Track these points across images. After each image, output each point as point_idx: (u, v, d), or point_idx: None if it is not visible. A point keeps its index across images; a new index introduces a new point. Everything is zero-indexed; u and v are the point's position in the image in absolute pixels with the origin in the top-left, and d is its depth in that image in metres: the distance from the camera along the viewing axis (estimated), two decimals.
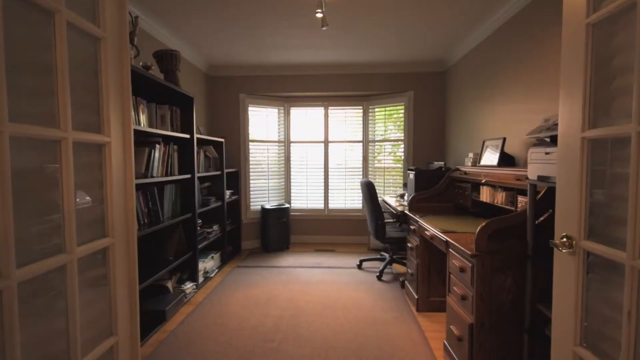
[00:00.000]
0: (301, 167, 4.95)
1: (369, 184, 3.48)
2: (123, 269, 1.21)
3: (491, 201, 2.34)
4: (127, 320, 1.22)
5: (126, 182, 1.24)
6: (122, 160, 1.22)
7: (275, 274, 3.66)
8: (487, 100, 3.16)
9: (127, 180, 1.25)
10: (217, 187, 3.96)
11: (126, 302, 1.22)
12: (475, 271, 1.70)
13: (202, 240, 3.40)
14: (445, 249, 2.11)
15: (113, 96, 1.17)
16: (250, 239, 4.75)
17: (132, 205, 1.25)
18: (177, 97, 3.02)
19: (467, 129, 3.64)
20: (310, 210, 4.94)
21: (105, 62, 1.13)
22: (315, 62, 4.31)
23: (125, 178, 1.24)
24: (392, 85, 4.50)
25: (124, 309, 1.21)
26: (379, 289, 3.20)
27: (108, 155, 1.14)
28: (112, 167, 1.16)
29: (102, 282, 1.14)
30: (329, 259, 4.18)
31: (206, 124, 4.45)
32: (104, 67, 1.13)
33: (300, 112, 4.91)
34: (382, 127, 4.77)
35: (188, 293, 3.00)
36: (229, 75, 4.57)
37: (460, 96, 3.86)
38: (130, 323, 1.24)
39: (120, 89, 1.22)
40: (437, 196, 3.08)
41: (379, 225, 3.44)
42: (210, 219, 3.88)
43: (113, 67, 1.17)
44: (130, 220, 1.25)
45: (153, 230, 2.47)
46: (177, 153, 3.00)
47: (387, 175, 4.72)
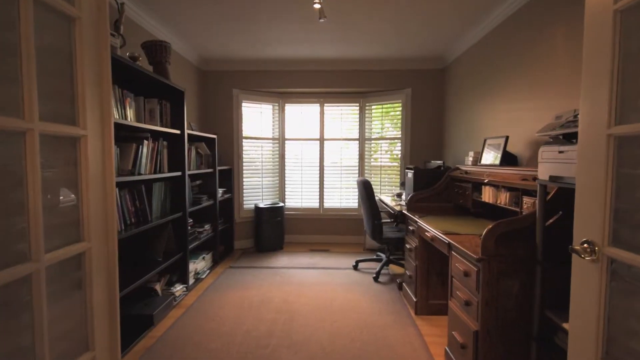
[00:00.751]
0: (296, 165, 4.84)
1: (365, 183, 3.39)
2: (101, 276, 1.09)
3: (494, 202, 2.26)
4: (106, 333, 1.11)
5: (105, 180, 1.12)
6: (101, 156, 1.10)
7: (269, 274, 3.55)
8: (488, 98, 3.08)
9: (106, 178, 1.13)
10: (209, 185, 3.83)
11: (105, 312, 1.11)
12: (481, 276, 1.61)
13: (193, 240, 3.28)
14: (447, 251, 2.02)
15: (90, 84, 1.05)
16: (244, 239, 4.63)
17: (112, 205, 1.14)
18: (167, 91, 2.88)
19: (466, 127, 3.57)
20: (305, 209, 4.83)
21: (80, 46, 1.01)
22: (312, 57, 4.19)
23: (105, 175, 1.12)
24: (389, 82, 4.41)
25: (102, 320, 1.09)
26: (375, 291, 3.11)
27: (84, 150, 1.02)
28: (89, 163, 1.04)
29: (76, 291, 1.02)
30: (324, 259, 4.09)
31: (198, 120, 4.31)
32: (80, 52, 1.01)
33: (296, 108, 4.80)
34: (379, 124, 4.68)
35: (178, 296, 2.87)
36: (222, 69, 4.43)
37: (460, 94, 3.79)
38: (109, 336, 1.12)
39: (99, 76, 1.09)
40: (437, 196, 3.00)
41: (375, 225, 3.35)
42: (202, 218, 3.76)
43: (90, 52, 1.05)
44: (110, 223, 1.13)
45: (140, 230, 2.35)
46: (166, 149, 2.86)
47: (383, 174, 4.63)
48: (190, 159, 3.37)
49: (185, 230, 3.02)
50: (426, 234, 2.40)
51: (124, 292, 2.12)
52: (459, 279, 1.85)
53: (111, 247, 1.12)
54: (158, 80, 2.64)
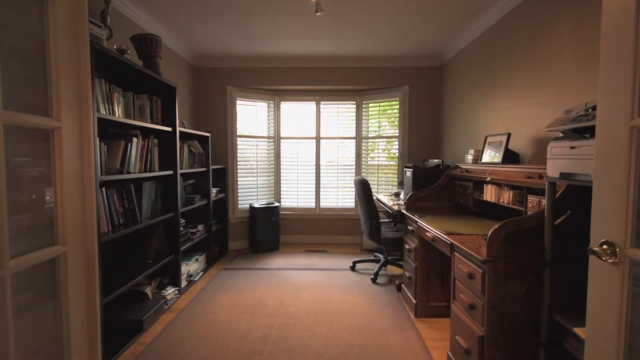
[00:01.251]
0: (291, 164, 4.75)
1: (363, 182, 3.31)
2: (79, 284, 0.99)
3: (496, 200, 2.19)
4: (84, 348, 1.01)
5: (84, 177, 1.03)
6: (78, 151, 1.01)
7: (264, 276, 3.45)
8: (488, 95, 3.02)
9: (84, 175, 1.03)
10: (203, 185, 3.72)
11: (83, 324, 1.01)
12: (486, 278, 1.54)
13: (185, 241, 3.17)
14: (449, 252, 1.95)
15: (66, 72, 0.95)
16: (238, 240, 4.53)
17: (91, 205, 1.04)
18: (158, 87, 2.77)
19: (466, 125, 3.50)
20: (301, 209, 4.74)
21: (54, 28, 0.91)
22: (308, 54, 4.10)
23: (83, 173, 1.02)
24: (386, 80, 4.33)
25: (79, 333, 0.99)
26: (374, 293, 3.03)
27: (58, 144, 0.93)
28: (64, 159, 0.94)
29: (50, 301, 0.93)
30: (320, 260, 4.00)
31: (191, 117, 4.20)
32: (53, 34, 0.91)
33: (291, 106, 4.70)
34: (376, 123, 4.60)
35: (169, 299, 2.77)
36: (216, 66, 4.33)
37: (459, 91, 3.72)
38: (89, 351, 1.02)
39: (76, 64, 1.00)
40: (436, 195, 2.93)
41: (373, 225, 3.27)
42: (195, 219, 3.65)
43: (65, 34, 0.95)
44: (90, 224, 1.04)
45: (130, 231, 2.24)
46: (157, 147, 2.76)
47: (380, 173, 4.55)
48: (182, 158, 3.27)
49: (177, 231, 2.92)
50: (427, 235, 2.32)
51: (112, 296, 2.01)
52: (463, 281, 1.78)
53: (90, 251, 1.03)
54: (148, 76, 2.53)
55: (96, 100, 2.03)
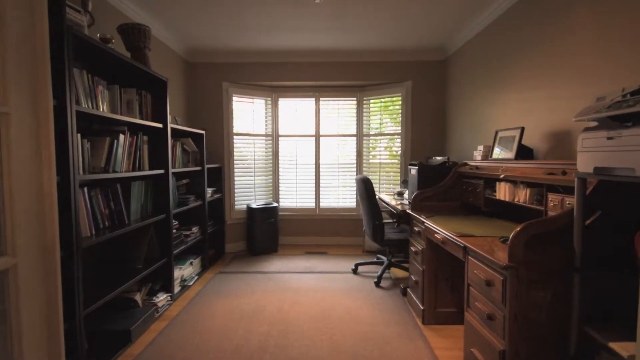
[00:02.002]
0: (290, 163, 4.58)
1: (365, 181, 3.15)
2: (35, 302, 0.83)
3: (511, 199, 2.03)
4: None
5: (43, 176, 0.86)
6: (35, 145, 0.84)
7: (262, 280, 3.29)
8: (497, 89, 2.86)
9: (43, 174, 0.87)
10: (197, 185, 3.56)
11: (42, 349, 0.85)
12: (508, 286, 1.38)
13: (179, 244, 3.01)
14: (462, 255, 1.79)
15: (15, 48, 0.79)
16: (235, 241, 4.37)
17: (51, 209, 0.88)
18: (148, 80, 2.61)
19: (472, 120, 3.34)
20: (300, 210, 4.58)
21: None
22: (306, 48, 3.94)
23: (41, 171, 0.86)
24: (388, 75, 4.17)
25: None
26: (378, 297, 2.87)
27: (4, 133, 0.76)
28: (13, 152, 0.78)
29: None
30: (321, 262, 3.84)
31: (185, 115, 4.03)
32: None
33: (290, 103, 4.54)
34: (378, 120, 4.44)
35: (161, 306, 2.60)
36: (211, 61, 4.16)
37: (464, 86, 3.57)
38: None
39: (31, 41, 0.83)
40: (443, 194, 2.77)
41: (376, 226, 3.11)
42: (189, 220, 3.48)
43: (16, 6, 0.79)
44: (50, 232, 0.87)
45: (116, 235, 2.08)
46: (147, 145, 2.60)
47: (382, 171, 4.40)
48: (175, 156, 3.11)
49: (169, 233, 2.75)
50: (435, 236, 2.16)
51: (94, 306, 1.85)
52: (479, 288, 1.62)
53: (50, 263, 0.86)
54: (136, 68, 2.37)
55: (76, 93, 1.87)
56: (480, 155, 2.63)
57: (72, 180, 1.68)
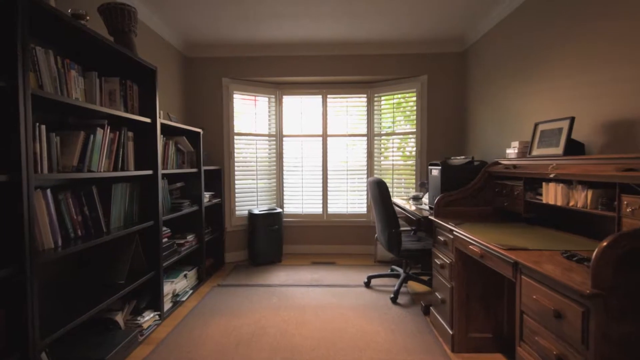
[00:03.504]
0: (295, 165, 4.25)
1: (379, 183, 2.80)
2: None
3: (564, 204, 1.66)
4: None
5: None
6: None
7: (264, 295, 2.94)
8: (531, 78, 2.51)
9: None
10: (193, 188, 3.23)
11: None
12: (591, 321, 1.01)
13: (170, 254, 2.67)
14: (511, 274, 1.42)
15: None
16: (236, 250, 4.02)
17: None
18: (134, 69, 2.31)
19: (501, 115, 2.98)
20: (306, 216, 4.24)
21: None
22: (312, 39, 3.63)
23: None
24: (401, 69, 3.84)
25: None
26: (396, 317, 2.50)
27: None
28: None
29: None
30: (329, 274, 3.48)
31: (182, 112, 3.73)
32: None
33: (295, 100, 4.22)
34: (390, 118, 4.10)
35: (147, 328, 2.26)
36: (210, 56, 3.87)
37: (489, 78, 3.21)
38: None
39: None
40: (471, 197, 2.41)
41: (392, 235, 2.75)
42: (184, 227, 3.16)
43: None
44: None
45: (91, 245, 1.75)
46: (133, 142, 2.28)
47: (395, 174, 4.04)
48: (167, 156, 2.79)
49: (158, 242, 2.42)
50: (471, 248, 1.80)
51: (64, 329, 1.52)
52: (541, 319, 1.25)
53: None
54: (120, 55, 2.06)
55: (38, 77, 1.56)
56: (515, 153, 2.26)
57: (25, 180, 1.35)
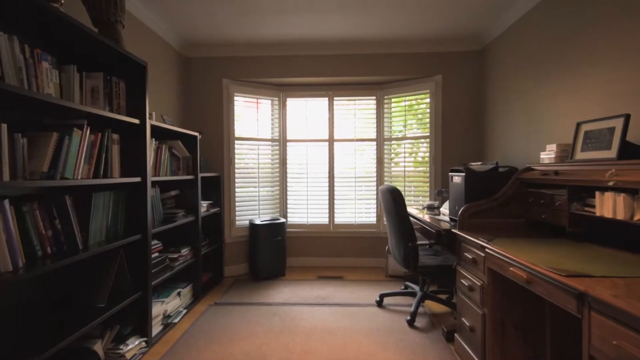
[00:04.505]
0: (300, 172, 3.98)
1: (393, 191, 2.52)
2: None
3: (627, 217, 1.37)
4: None
5: None
6: None
7: (265, 315, 2.65)
8: (564, 75, 2.23)
9: None
10: (189, 197, 2.97)
11: None
12: None
13: (161, 271, 2.40)
14: (576, 309, 1.13)
15: None
16: (236, 264, 3.74)
17: None
18: (121, 64, 2.07)
19: (528, 117, 2.70)
20: (312, 226, 3.95)
21: None
22: (317, 37, 3.39)
23: None
24: (414, 69, 3.59)
25: None
26: (414, 344, 2.20)
27: None
28: None
29: None
30: (337, 290, 3.18)
31: (180, 116, 3.49)
32: None
33: (299, 103, 3.98)
34: (401, 121, 3.83)
35: (131, 358, 1.98)
36: (210, 56, 3.64)
37: (511, 78, 2.94)
38: None
39: None
40: (500, 208, 2.12)
41: (409, 249, 2.46)
42: (179, 240, 2.89)
43: None
44: None
45: (65, 264, 1.49)
46: (118, 146, 2.03)
47: (407, 181, 3.76)
48: (160, 161, 2.54)
49: (146, 258, 2.15)
50: (512, 271, 1.50)
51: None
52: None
53: None
54: (105, 47, 1.82)
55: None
56: (552, 157, 1.98)
57: None
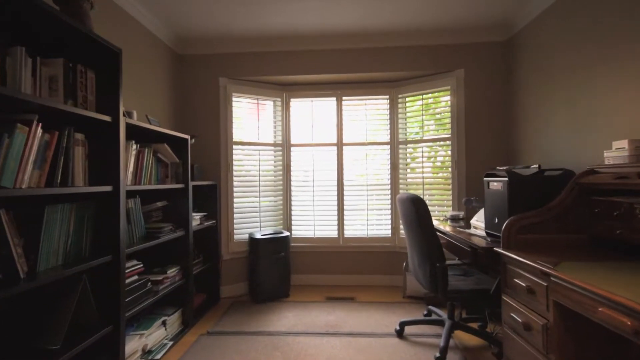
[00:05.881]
0: (306, 180, 3.60)
1: (416, 201, 2.12)
2: None
3: None
4: None
5: None
6: None
7: (265, 350, 2.23)
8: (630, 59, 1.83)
9: None
10: (179, 208, 2.60)
11: None
12: None
13: (141, 297, 2.02)
14: None
15: None
16: (234, 283, 3.34)
17: None
18: (88, 50, 1.72)
19: (576, 111, 2.29)
20: (319, 240, 3.55)
21: None
22: (324, 28, 3.04)
23: None
24: (432, 63, 3.21)
25: None
26: None
27: None
28: None
29: None
30: (348, 315, 2.75)
31: (172, 118, 3.15)
32: None
33: (304, 104, 3.62)
34: (418, 122, 3.44)
35: None
36: (205, 53, 3.31)
37: (549, 69, 2.54)
38: None
39: None
40: (554, 221, 1.70)
41: (437, 271, 2.04)
42: (165, 259, 2.51)
43: None
44: None
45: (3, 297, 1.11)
46: (84, 147, 1.67)
47: (426, 189, 3.34)
48: (141, 167, 2.17)
49: (118, 284, 1.77)
50: (607, 314, 1.08)
51: None
52: None
53: None
54: (66, 27, 1.47)
55: None
56: (625, 156, 1.56)
57: None
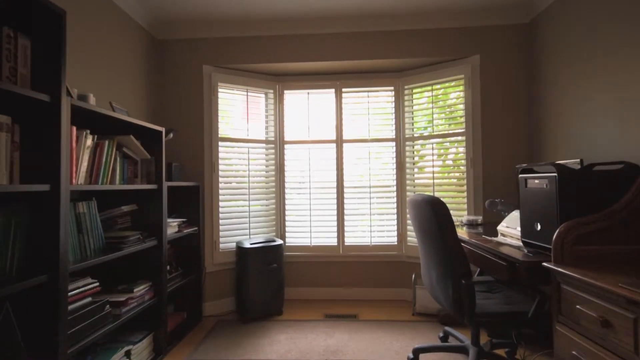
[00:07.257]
0: (301, 181, 3.21)
1: (435, 204, 1.73)
2: None
3: None
4: None
5: None
6: None
7: None
8: None
9: None
10: (151, 213, 2.20)
11: None
12: None
13: (95, 324, 1.61)
14: None
15: None
16: (219, 299, 2.93)
17: None
18: (20, 11, 1.34)
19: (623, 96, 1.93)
20: (316, 249, 3.15)
21: None
22: (322, 9, 2.68)
23: None
24: (443, 49, 2.85)
25: None
26: None
27: None
28: None
29: None
30: (351, 338, 2.35)
31: (149, 109, 2.76)
32: None
33: (300, 96, 3.24)
34: (427, 115, 3.08)
35: None
36: (187, 37, 2.94)
37: (586, 50, 2.19)
38: None
39: None
40: (622, 228, 1.32)
41: (462, 289, 1.65)
42: (132, 275, 2.11)
43: None
44: None
45: None
46: (9, 135, 1.27)
47: (437, 190, 2.97)
48: (99, 164, 1.78)
49: (58, 310, 1.36)
50: None
51: None
52: None
53: None
54: None
55: None
56: None
57: None
